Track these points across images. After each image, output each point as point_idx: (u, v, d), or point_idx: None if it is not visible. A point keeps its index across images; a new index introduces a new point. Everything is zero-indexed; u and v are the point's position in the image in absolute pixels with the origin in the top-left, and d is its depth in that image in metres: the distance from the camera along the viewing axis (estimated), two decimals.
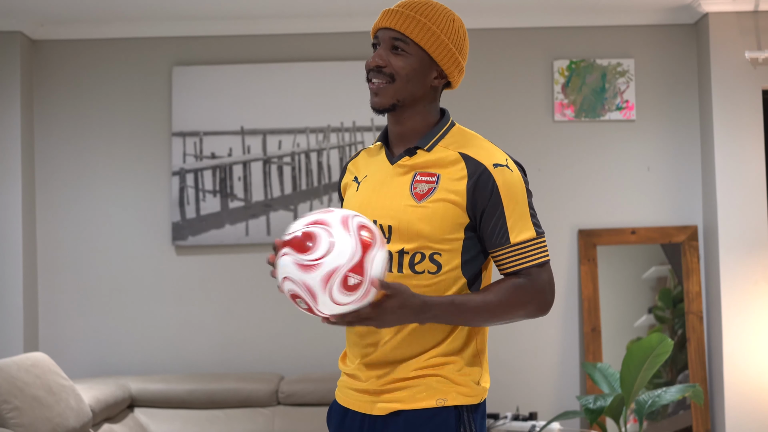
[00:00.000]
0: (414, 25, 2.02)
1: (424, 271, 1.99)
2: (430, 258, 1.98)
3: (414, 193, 2.01)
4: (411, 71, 2.03)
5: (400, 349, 2.00)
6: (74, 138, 5.01)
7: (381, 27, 2.06)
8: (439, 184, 2.00)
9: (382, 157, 2.11)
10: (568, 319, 4.92)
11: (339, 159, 4.95)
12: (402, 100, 2.04)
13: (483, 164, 1.99)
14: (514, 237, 1.99)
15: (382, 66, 2.03)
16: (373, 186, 2.08)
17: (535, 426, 4.33)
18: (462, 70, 2.08)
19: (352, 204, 2.10)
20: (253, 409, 4.62)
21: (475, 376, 2.03)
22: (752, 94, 4.77)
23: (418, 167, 2.03)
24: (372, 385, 2.02)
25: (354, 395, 2.07)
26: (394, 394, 2.00)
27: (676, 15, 4.94)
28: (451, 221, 1.99)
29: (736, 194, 4.73)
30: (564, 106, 4.98)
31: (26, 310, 4.81)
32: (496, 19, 4.97)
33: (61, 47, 5.03)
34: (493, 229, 1.99)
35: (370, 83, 2.06)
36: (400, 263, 1.99)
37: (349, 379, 2.10)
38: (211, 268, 4.96)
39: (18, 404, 3.54)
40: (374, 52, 2.07)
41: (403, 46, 2.03)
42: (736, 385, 4.66)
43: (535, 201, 2.14)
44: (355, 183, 2.15)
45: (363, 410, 2.04)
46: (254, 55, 5.02)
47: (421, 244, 1.98)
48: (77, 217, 4.98)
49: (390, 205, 2.02)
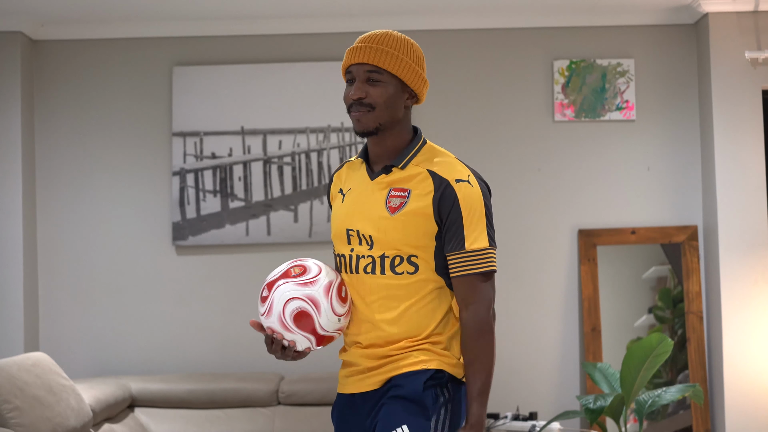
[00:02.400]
0: (385, 56, 2.26)
1: (403, 272, 2.27)
2: (408, 260, 2.27)
3: (388, 206, 2.28)
4: (388, 98, 2.28)
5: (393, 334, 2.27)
6: (75, 138, 5.01)
7: (353, 63, 2.29)
8: (409, 199, 2.27)
9: (363, 172, 2.38)
10: (568, 319, 4.92)
11: (339, 159, 4.95)
12: (383, 123, 2.29)
13: (447, 179, 2.25)
14: (469, 244, 2.24)
15: (362, 98, 2.27)
16: (356, 199, 2.35)
17: (535, 426, 4.33)
18: (427, 85, 2.35)
19: (339, 214, 2.37)
20: (254, 409, 4.62)
21: (456, 353, 2.30)
22: (752, 94, 4.77)
23: (393, 183, 2.30)
24: (366, 365, 2.30)
25: (351, 380, 2.34)
26: (386, 368, 2.27)
27: (676, 15, 4.94)
28: (421, 230, 2.25)
29: (736, 194, 4.73)
30: (564, 106, 4.98)
31: (27, 310, 4.81)
32: (496, 19, 4.97)
33: (61, 47, 5.03)
34: (452, 236, 2.24)
35: (352, 113, 2.30)
36: (383, 266, 2.27)
37: (347, 368, 2.37)
38: (212, 268, 4.96)
39: (18, 404, 3.54)
40: (349, 88, 2.30)
41: (378, 77, 2.27)
42: (736, 385, 4.66)
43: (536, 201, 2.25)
44: (340, 195, 2.42)
45: (361, 389, 2.31)
46: (254, 55, 5.02)
47: (398, 249, 2.26)
48: (78, 217, 4.99)
49: (370, 216, 2.30)
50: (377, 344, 2.28)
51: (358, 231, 2.30)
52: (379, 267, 2.27)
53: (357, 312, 2.31)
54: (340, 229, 2.35)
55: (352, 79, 2.30)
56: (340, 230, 2.35)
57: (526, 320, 4.88)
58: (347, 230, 2.32)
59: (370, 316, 2.28)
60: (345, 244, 2.33)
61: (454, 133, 4.95)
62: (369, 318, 2.29)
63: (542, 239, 4.95)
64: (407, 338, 2.26)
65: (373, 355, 2.29)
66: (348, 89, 2.30)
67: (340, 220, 2.36)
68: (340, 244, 2.35)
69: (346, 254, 2.33)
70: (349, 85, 2.31)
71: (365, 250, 2.28)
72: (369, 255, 2.27)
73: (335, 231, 2.37)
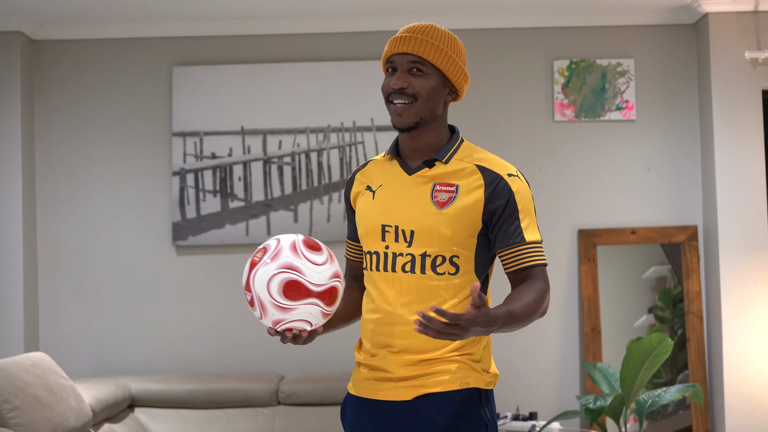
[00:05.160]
0: (429, 48, 2.22)
1: (444, 272, 2.20)
2: (450, 260, 2.21)
3: (435, 201, 2.22)
4: (431, 90, 2.23)
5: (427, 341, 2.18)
6: (74, 138, 5.01)
7: (396, 53, 2.25)
8: (458, 193, 2.21)
9: (396, 168, 2.30)
10: (568, 319, 4.92)
11: (339, 159, 4.95)
12: (423, 117, 2.24)
13: (499, 174, 2.22)
14: (528, 236, 2.22)
15: (405, 87, 2.22)
16: (391, 194, 2.27)
17: (535, 426, 4.33)
18: (468, 80, 2.31)
19: (372, 210, 2.29)
20: (254, 409, 4.62)
21: (486, 364, 2.26)
22: (752, 94, 4.77)
23: (437, 178, 2.24)
24: (398, 373, 2.20)
25: (376, 384, 2.24)
26: (420, 380, 2.19)
27: (676, 15, 4.94)
28: (468, 226, 2.21)
29: (736, 194, 4.74)
30: (564, 106, 4.98)
31: (26, 310, 4.81)
32: (496, 19, 4.97)
33: (61, 47, 5.03)
34: (507, 230, 2.21)
35: (393, 105, 2.24)
36: (423, 265, 2.20)
37: (369, 370, 2.27)
38: (212, 268, 4.97)
39: (18, 404, 3.54)
40: (390, 77, 2.25)
41: (422, 68, 2.23)
42: (736, 385, 4.66)
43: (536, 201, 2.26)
44: (368, 191, 2.33)
45: (387, 397, 2.22)
46: (254, 55, 5.02)
47: (442, 247, 2.20)
48: (78, 217, 4.99)
49: (411, 211, 2.22)
50: (411, 350, 2.20)
51: (397, 227, 2.22)
52: (419, 266, 2.20)
53: (390, 312, 2.22)
54: (373, 225, 2.26)
55: (393, 69, 2.25)
56: (373, 226, 2.26)
57: None
58: (383, 226, 2.24)
59: (406, 317, 2.19)
60: (379, 241, 2.25)
61: None
62: (405, 319, 2.19)
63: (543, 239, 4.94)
64: (443, 345, 2.19)
65: (405, 362, 2.20)
66: (388, 79, 2.25)
67: (373, 215, 2.27)
68: (373, 241, 2.26)
69: (380, 251, 2.24)
70: (389, 74, 2.26)
71: (403, 248, 2.21)
72: (408, 253, 2.20)
73: (366, 228, 2.28)
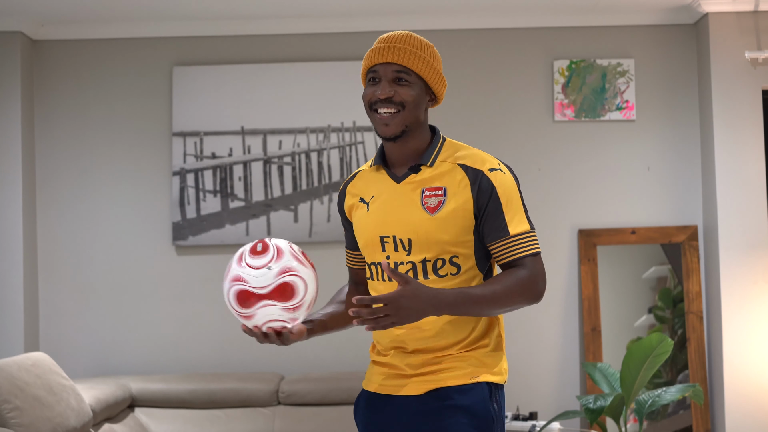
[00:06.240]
0: (412, 57, 2.27)
1: (446, 274, 2.24)
2: (450, 261, 2.24)
3: (426, 207, 2.25)
4: (416, 98, 2.27)
5: (439, 339, 2.24)
6: (75, 138, 5.01)
7: (380, 62, 2.27)
8: (447, 196, 2.24)
9: (384, 177, 2.34)
10: (568, 319, 4.92)
11: (339, 159, 4.95)
12: (409, 125, 2.27)
13: (480, 170, 2.25)
14: (512, 229, 2.23)
15: (392, 96, 2.25)
16: (384, 205, 2.31)
17: (535, 426, 4.33)
18: (446, 85, 2.37)
19: (369, 222, 2.32)
20: (254, 409, 4.62)
21: (498, 360, 2.30)
22: (752, 94, 4.77)
23: (424, 183, 2.27)
24: (411, 370, 2.26)
25: (389, 380, 2.30)
26: (430, 376, 2.24)
27: (676, 15, 4.94)
28: (462, 225, 2.23)
29: (736, 194, 4.74)
30: (564, 106, 4.98)
31: (27, 310, 4.81)
32: (496, 19, 4.97)
33: (61, 47, 5.03)
34: (492, 225, 2.23)
35: (378, 114, 2.26)
36: (425, 270, 2.24)
37: (382, 368, 2.33)
38: (212, 268, 4.96)
39: (18, 404, 3.54)
40: (373, 86, 2.27)
41: (406, 77, 2.27)
42: (736, 385, 4.66)
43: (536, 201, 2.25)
44: (362, 204, 2.36)
45: (398, 393, 2.27)
46: (254, 55, 5.02)
47: (440, 251, 2.23)
48: (78, 217, 4.99)
49: (406, 219, 2.26)
50: (423, 350, 2.25)
51: (394, 237, 2.26)
52: (421, 272, 2.24)
53: None
54: (372, 238, 2.30)
55: (376, 79, 2.28)
56: (372, 238, 2.30)
57: (526, 320, 4.88)
58: (381, 237, 2.28)
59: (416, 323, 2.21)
60: (379, 252, 2.29)
61: (454, 133, 4.92)
62: (415, 324, 2.22)
63: (542, 239, 4.93)
64: (455, 343, 2.24)
65: (417, 360, 2.26)
66: (372, 89, 2.27)
67: (371, 228, 2.30)
68: (374, 252, 2.30)
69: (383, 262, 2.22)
70: (371, 84, 2.28)
71: (403, 256, 2.25)
72: (409, 261, 2.24)
73: (366, 240, 2.32)
